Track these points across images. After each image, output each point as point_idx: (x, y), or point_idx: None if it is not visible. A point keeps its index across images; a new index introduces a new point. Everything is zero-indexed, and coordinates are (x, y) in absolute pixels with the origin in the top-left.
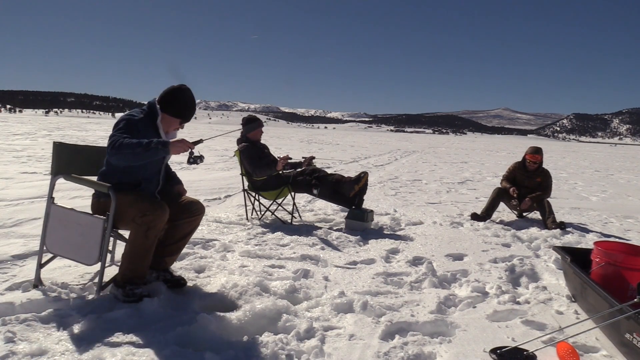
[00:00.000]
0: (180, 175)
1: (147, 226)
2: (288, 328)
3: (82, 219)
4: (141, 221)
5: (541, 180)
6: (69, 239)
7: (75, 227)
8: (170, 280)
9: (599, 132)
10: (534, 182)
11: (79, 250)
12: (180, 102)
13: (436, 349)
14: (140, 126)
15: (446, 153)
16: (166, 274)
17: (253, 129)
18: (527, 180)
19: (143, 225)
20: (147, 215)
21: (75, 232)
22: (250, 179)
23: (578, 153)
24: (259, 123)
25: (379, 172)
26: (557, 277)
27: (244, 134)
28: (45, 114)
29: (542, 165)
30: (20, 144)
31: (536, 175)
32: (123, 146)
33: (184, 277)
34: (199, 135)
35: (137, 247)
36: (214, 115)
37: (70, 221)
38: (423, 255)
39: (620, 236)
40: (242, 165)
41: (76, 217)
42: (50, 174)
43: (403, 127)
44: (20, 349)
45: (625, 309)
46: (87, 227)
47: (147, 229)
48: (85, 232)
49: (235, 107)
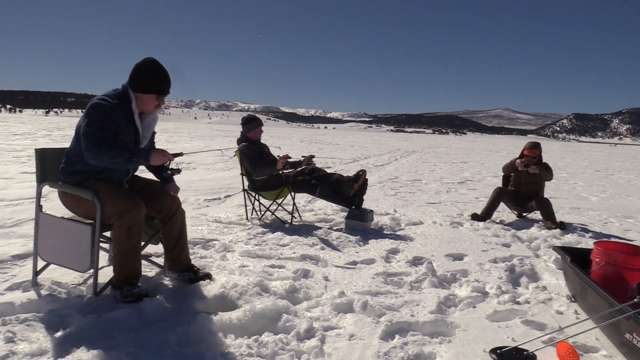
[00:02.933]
0: (180, 174)
1: (128, 226)
2: (288, 328)
3: (71, 226)
4: (120, 223)
5: (539, 173)
6: (60, 246)
7: (65, 235)
8: (195, 279)
9: (599, 132)
10: (532, 177)
11: (71, 257)
12: (146, 74)
13: (436, 349)
14: (114, 114)
15: (446, 153)
16: (190, 273)
17: (253, 129)
18: (526, 175)
19: (123, 226)
20: (124, 216)
21: (65, 239)
22: (250, 179)
23: (578, 153)
24: (259, 122)
25: (379, 172)
26: (557, 277)
27: (244, 133)
28: (45, 114)
29: (541, 159)
30: (20, 144)
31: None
32: (103, 153)
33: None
34: (200, 135)
35: (123, 248)
36: (214, 115)
37: (59, 229)
38: (423, 255)
39: (620, 236)
40: (242, 165)
41: (64, 225)
42: (36, 182)
43: (403, 127)
44: (20, 349)
45: (625, 309)
46: (76, 234)
47: (128, 228)
48: (75, 239)
49: (235, 107)
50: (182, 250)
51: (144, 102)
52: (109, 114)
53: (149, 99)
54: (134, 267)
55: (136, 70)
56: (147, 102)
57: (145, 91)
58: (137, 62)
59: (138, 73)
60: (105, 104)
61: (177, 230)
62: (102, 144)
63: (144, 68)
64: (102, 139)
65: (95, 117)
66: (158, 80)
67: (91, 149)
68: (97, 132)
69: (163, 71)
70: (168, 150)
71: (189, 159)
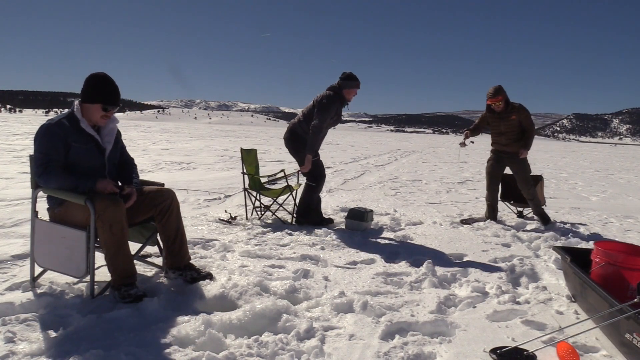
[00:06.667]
0: (180, 174)
1: (108, 223)
2: (288, 328)
3: (66, 232)
4: (101, 222)
5: (516, 118)
6: (56, 252)
7: (60, 241)
8: (197, 278)
9: (599, 132)
10: (511, 123)
11: (67, 263)
12: (91, 85)
13: (436, 349)
14: (58, 129)
15: (446, 153)
16: (192, 272)
17: (351, 87)
18: (503, 123)
19: (105, 225)
20: (102, 214)
21: (61, 245)
22: (252, 179)
23: (578, 153)
24: (358, 84)
25: (379, 172)
26: (557, 277)
27: (340, 86)
28: (45, 114)
29: (509, 102)
30: (20, 144)
31: (509, 114)
32: (50, 180)
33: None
34: (200, 135)
35: (110, 246)
36: (214, 115)
37: (55, 235)
38: (423, 255)
39: (620, 236)
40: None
41: (60, 230)
42: (31, 188)
43: (403, 127)
44: (20, 349)
45: (625, 309)
46: (71, 240)
47: (110, 226)
48: (70, 245)
49: (235, 107)
50: (182, 244)
51: (90, 111)
52: (53, 132)
53: (94, 108)
54: (126, 265)
55: (85, 82)
56: (92, 112)
57: (90, 101)
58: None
59: (86, 84)
60: (47, 124)
61: (175, 223)
62: (49, 172)
63: (91, 80)
64: (49, 164)
65: (39, 140)
66: (102, 91)
67: (39, 175)
68: (43, 157)
69: (110, 83)
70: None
71: (189, 159)
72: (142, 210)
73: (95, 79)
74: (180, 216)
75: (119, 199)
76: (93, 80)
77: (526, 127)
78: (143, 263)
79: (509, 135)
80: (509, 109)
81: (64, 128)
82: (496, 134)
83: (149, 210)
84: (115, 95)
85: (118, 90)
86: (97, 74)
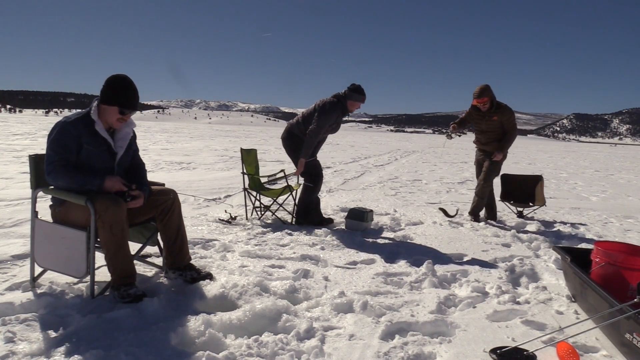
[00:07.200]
0: (180, 174)
1: (109, 224)
2: (288, 328)
3: (66, 232)
4: (101, 222)
5: (498, 119)
6: (57, 252)
7: (60, 241)
8: (197, 278)
9: (599, 132)
10: (492, 123)
11: (68, 263)
12: (111, 87)
13: (436, 349)
14: (72, 128)
15: (446, 153)
16: (192, 272)
17: (356, 100)
18: (484, 122)
19: (105, 225)
20: (103, 215)
21: (61, 245)
22: (252, 179)
23: (578, 153)
24: (364, 99)
25: (379, 172)
26: (557, 277)
27: (346, 96)
28: (45, 114)
29: (495, 102)
30: (20, 144)
31: (492, 114)
32: (59, 178)
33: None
34: (200, 135)
35: (110, 246)
36: (214, 115)
37: (55, 235)
38: (423, 255)
39: (620, 236)
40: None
41: (60, 231)
42: (31, 188)
43: (403, 127)
44: (20, 349)
45: (625, 309)
46: (72, 240)
47: (110, 226)
48: (71, 245)
49: (235, 107)
50: (182, 244)
51: (107, 113)
52: (67, 130)
53: (111, 111)
54: (125, 265)
55: (105, 83)
56: (109, 114)
57: (108, 103)
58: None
59: (105, 85)
60: (63, 121)
61: (176, 223)
62: (58, 170)
63: (111, 81)
64: (60, 162)
65: (53, 137)
66: (121, 94)
67: (48, 172)
68: (55, 155)
69: (129, 87)
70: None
71: (189, 159)
72: (143, 210)
73: (115, 81)
74: (181, 216)
75: (120, 200)
76: (113, 82)
77: (507, 129)
78: (143, 263)
79: (489, 135)
80: (493, 109)
81: (78, 128)
82: (478, 131)
83: (151, 211)
84: (133, 100)
85: (137, 94)
86: (118, 75)
